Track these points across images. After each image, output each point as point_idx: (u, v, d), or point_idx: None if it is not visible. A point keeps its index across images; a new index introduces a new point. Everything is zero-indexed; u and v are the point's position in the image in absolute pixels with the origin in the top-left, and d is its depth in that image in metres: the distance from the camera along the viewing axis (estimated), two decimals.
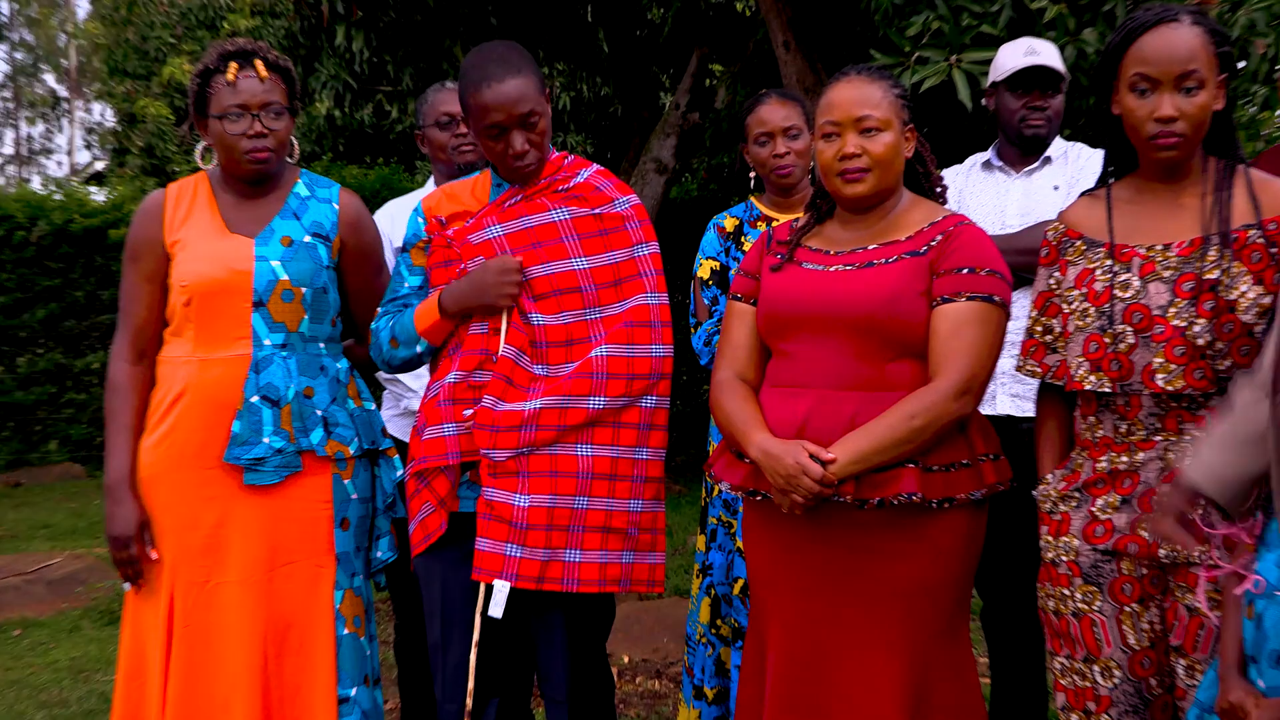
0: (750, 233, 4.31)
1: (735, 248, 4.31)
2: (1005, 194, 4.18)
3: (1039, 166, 4.18)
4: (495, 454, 3.29)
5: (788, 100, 4.34)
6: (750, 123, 4.33)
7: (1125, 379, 2.88)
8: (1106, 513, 2.93)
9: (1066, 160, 4.19)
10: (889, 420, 2.98)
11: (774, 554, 3.21)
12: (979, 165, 4.31)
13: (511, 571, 3.27)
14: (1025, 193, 4.15)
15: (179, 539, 3.47)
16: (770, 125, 4.26)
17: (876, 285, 3.09)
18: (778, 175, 4.26)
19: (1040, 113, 4.12)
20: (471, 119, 3.37)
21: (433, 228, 3.49)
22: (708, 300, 4.28)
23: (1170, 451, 2.86)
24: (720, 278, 4.30)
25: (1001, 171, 4.23)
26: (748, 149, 4.36)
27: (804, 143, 4.27)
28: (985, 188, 4.24)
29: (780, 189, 4.32)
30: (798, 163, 4.26)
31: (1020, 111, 4.13)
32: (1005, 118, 4.18)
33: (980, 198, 4.21)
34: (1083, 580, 2.96)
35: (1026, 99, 4.12)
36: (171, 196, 3.62)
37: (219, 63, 3.52)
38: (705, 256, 4.35)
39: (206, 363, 3.49)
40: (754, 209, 4.39)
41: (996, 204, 4.17)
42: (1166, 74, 2.85)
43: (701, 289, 4.31)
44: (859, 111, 3.15)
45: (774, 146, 4.25)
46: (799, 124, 4.27)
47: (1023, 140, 4.16)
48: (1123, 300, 2.89)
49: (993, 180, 4.24)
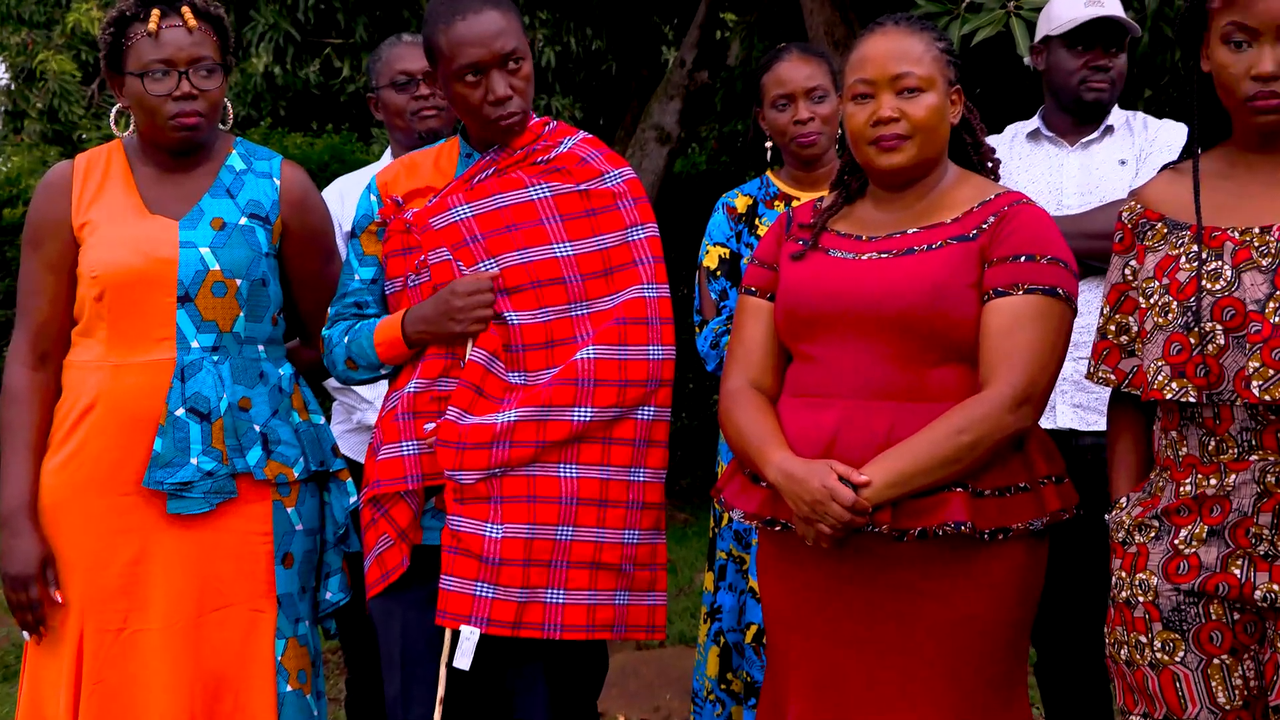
0: (766, 214, 4.32)
1: (748, 232, 4.32)
2: (1060, 169, 4.19)
3: (1099, 137, 4.18)
4: (462, 476, 3.30)
5: (811, 57, 4.34)
6: (767, 83, 4.33)
7: (1214, 387, 2.86)
8: (1191, 546, 2.91)
9: (1131, 130, 4.19)
10: (932, 436, 2.99)
11: (795, 595, 3.22)
12: (1023, 136, 4.31)
13: (482, 615, 3.28)
14: (1084, 167, 4.15)
15: (89, 578, 3.47)
16: (791, 86, 4.27)
17: (917, 276, 3.10)
18: (799, 145, 4.27)
19: (1104, 74, 4.13)
20: (441, 63, 3.38)
21: (388, 209, 3.50)
22: (715, 294, 4.29)
23: (1269, 474, 2.84)
24: (730, 267, 4.30)
25: (1053, 143, 4.24)
26: (763, 114, 4.38)
27: (830, 107, 4.28)
28: (1035, 162, 4.24)
29: (802, 161, 4.33)
30: (823, 130, 4.27)
31: (1080, 72, 4.13)
32: (1060, 79, 4.18)
33: (1030, 173, 4.21)
34: (1163, 626, 2.94)
35: (1087, 57, 4.12)
36: (79, 170, 3.63)
37: (137, 9, 3.52)
38: (713, 242, 4.36)
39: (122, 368, 3.50)
40: (770, 186, 4.40)
41: (1050, 181, 4.18)
42: (1268, 22, 2.83)
43: (708, 280, 4.31)
44: (897, 68, 3.16)
45: (795, 111, 4.26)
46: (825, 84, 4.28)
47: (1080, 106, 4.16)
48: (1212, 293, 2.87)
49: (1043, 153, 4.24)
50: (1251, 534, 2.84)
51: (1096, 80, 4.12)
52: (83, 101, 15.68)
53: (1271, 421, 2.84)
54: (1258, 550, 2.83)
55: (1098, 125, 4.19)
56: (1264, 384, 2.80)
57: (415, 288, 3.46)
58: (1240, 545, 2.85)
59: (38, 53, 15.73)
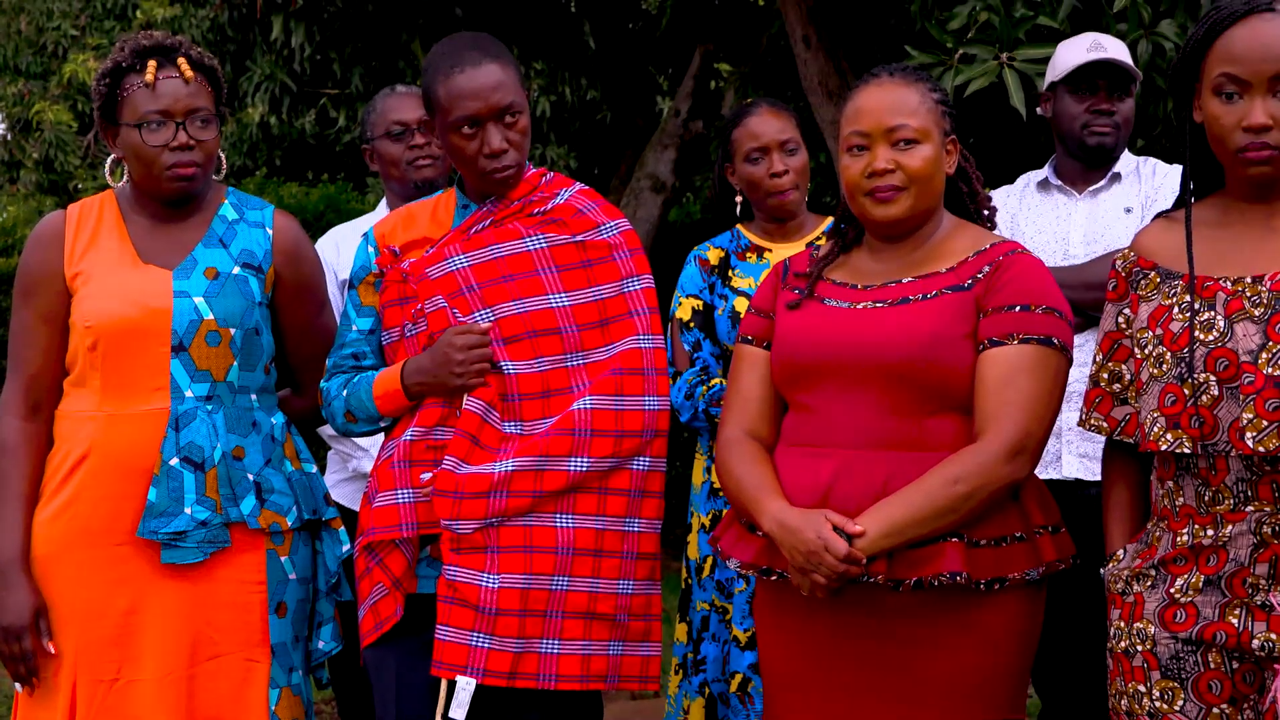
0: (738, 265, 4.33)
1: (721, 283, 4.32)
2: (1067, 218, 4.19)
3: (1106, 185, 4.19)
4: (459, 526, 3.30)
5: (781, 110, 4.36)
6: (739, 137, 4.34)
7: (1208, 438, 2.85)
8: (1188, 595, 2.90)
9: (1139, 177, 4.20)
10: (928, 486, 2.99)
11: (791, 645, 3.21)
12: (1034, 185, 4.32)
13: (478, 666, 3.27)
14: (1091, 216, 4.16)
15: (83, 629, 3.46)
16: (764, 139, 4.28)
17: (913, 326, 3.11)
18: (776, 197, 4.28)
19: (1107, 118, 4.13)
20: (439, 114, 3.39)
21: (385, 259, 3.51)
22: (688, 346, 4.28)
23: (1265, 524, 2.83)
24: (704, 319, 4.30)
25: (1061, 192, 4.24)
26: (733, 168, 4.38)
27: (802, 159, 4.29)
28: (1043, 211, 4.24)
29: (776, 214, 4.33)
30: (797, 182, 4.28)
31: (1083, 117, 4.14)
32: (1065, 125, 4.19)
33: (1038, 223, 4.22)
34: (1161, 674, 2.94)
35: (1090, 101, 4.13)
36: (73, 219, 3.63)
37: (134, 60, 3.53)
38: (685, 294, 4.36)
39: (116, 418, 3.49)
40: (742, 238, 4.41)
41: (1057, 230, 4.18)
42: (1259, 74, 2.85)
43: (681, 332, 4.31)
44: (892, 120, 3.17)
45: (770, 163, 4.27)
46: (796, 137, 4.30)
47: (1085, 152, 4.17)
48: (1205, 344, 2.87)
49: (1051, 202, 4.25)
50: (1248, 584, 2.84)
51: (1100, 124, 4.13)
52: (78, 152, 15.71)
53: (1266, 472, 2.84)
54: (1255, 601, 2.83)
55: (1105, 172, 4.20)
56: (1258, 435, 2.80)
57: (412, 338, 3.46)
58: (1237, 595, 2.85)
59: (34, 103, 15.77)
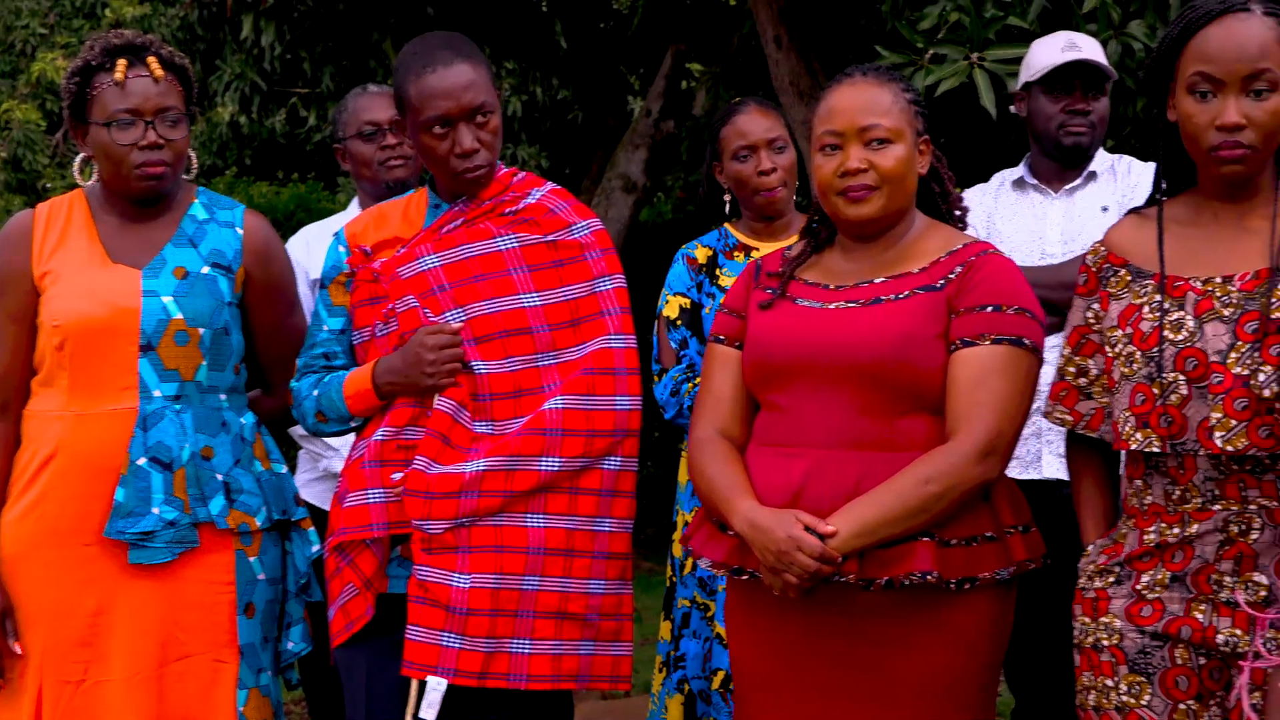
0: (726, 264, 4.33)
1: (709, 282, 4.32)
2: (1043, 217, 4.20)
3: (1082, 183, 4.19)
4: (429, 526, 3.29)
5: (769, 108, 4.37)
6: (726, 135, 4.35)
7: (1177, 437, 2.87)
8: (1154, 591, 2.92)
9: (1115, 175, 4.20)
10: (899, 486, 2.99)
11: (762, 645, 3.21)
12: (1009, 184, 4.32)
13: (449, 666, 3.27)
14: (1067, 215, 4.16)
15: (50, 629, 3.45)
16: (752, 137, 4.29)
17: (885, 326, 3.11)
18: (763, 196, 4.28)
19: (1082, 118, 4.14)
20: (410, 113, 3.39)
21: (356, 258, 3.50)
22: (675, 343, 4.29)
23: (1232, 523, 2.85)
24: (691, 317, 4.31)
25: (1037, 190, 4.25)
26: (721, 167, 4.38)
27: (790, 157, 4.30)
28: (1019, 210, 4.25)
29: (764, 213, 4.34)
30: (785, 180, 4.29)
31: (1058, 117, 4.15)
32: (1040, 124, 4.19)
33: (1014, 222, 4.22)
34: (1129, 669, 2.95)
35: (1065, 101, 4.13)
36: (41, 219, 3.62)
37: (103, 59, 3.53)
38: (673, 292, 4.37)
39: (84, 418, 3.48)
40: (730, 237, 4.41)
41: (1033, 229, 4.18)
42: (1232, 74, 2.86)
43: (668, 330, 4.31)
44: (865, 120, 3.17)
45: (757, 161, 4.27)
46: (784, 136, 4.31)
47: (1061, 151, 4.17)
48: (1174, 343, 2.88)
49: (1027, 201, 4.25)
50: (1213, 581, 2.86)
51: (1075, 124, 4.13)
52: (47, 151, 15.63)
53: (1234, 471, 2.85)
54: (1219, 597, 2.85)
55: (1080, 171, 4.21)
56: (1226, 434, 2.82)
57: (383, 337, 3.45)
58: (1203, 592, 2.87)
59: (2, 102, 15.69)
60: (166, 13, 11.10)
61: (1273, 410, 2.80)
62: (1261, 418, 2.80)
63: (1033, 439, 4.00)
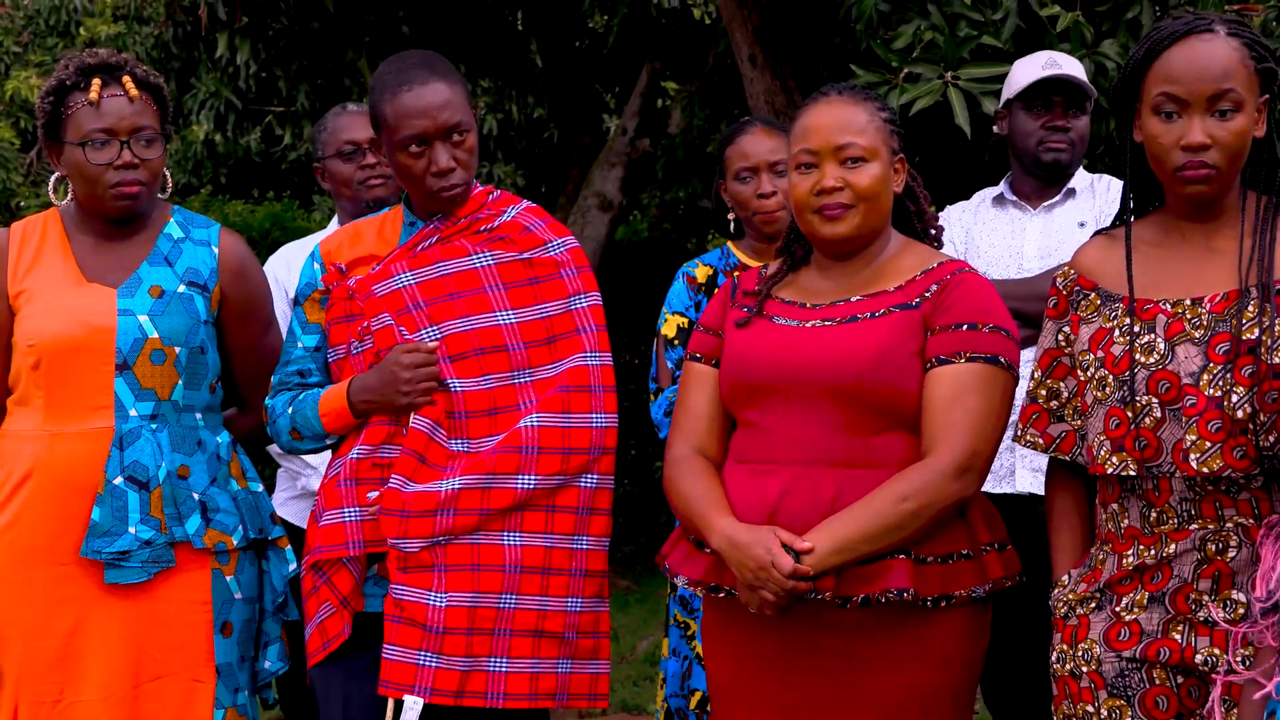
0: None
1: (708, 301, 4.32)
2: (1022, 232, 4.20)
3: (1060, 200, 4.20)
4: (406, 544, 3.29)
5: (774, 130, 4.35)
6: (730, 155, 4.34)
7: (1152, 460, 2.87)
8: (1132, 612, 2.92)
9: (1094, 193, 4.21)
10: (876, 503, 2.99)
11: (739, 663, 3.21)
12: (989, 201, 4.33)
13: (425, 685, 3.26)
14: (1045, 231, 4.17)
15: (25, 649, 3.44)
16: (754, 159, 4.27)
17: (861, 344, 3.11)
18: (762, 218, 4.28)
19: (1061, 134, 4.14)
20: (386, 132, 3.39)
21: (331, 275, 3.49)
22: (672, 363, 4.28)
23: (1209, 542, 2.86)
24: (689, 336, 4.30)
25: (1017, 207, 4.26)
26: (725, 186, 4.38)
27: None
28: (997, 226, 4.25)
29: (764, 234, 4.33)
30: (785, 204, 4.28)
31: (1038, 133, 4.15)
32: (1020, 141, 4.20)
33: (992, 237, 4.23)
34: (1108, 693, 2.95)
35: (1045, 118, 4.13)
36: (15, 238, 3.61)
37: (78, 78, 3.52)
38: (671, 311, 4.36)
39: (59, 437, 3.47)
40: (731, 256, 4.40)
41: (1011, 244, 4.19)
42: (1197, 94, 2.86)
43: (666, 349, 4.30)
44: (840, 139, 3.17)
45: (758, 184, 4.26)
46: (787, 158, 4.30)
47: (1041, 168, 4.18)
48: (1146, 367, 2.88)
49: (1006, 217, 4.26)
50: (1191, 600, 2.86)
51: (1054, 140, 4.14)
52: (21, 169, 15.60)
53: (1209, 492, 2.86)
54: (1197, 616, 2.85)
55: (1060, 188, 4.21)
56: (1201, 456, 2.83)
57: (358, 355, 3.44)
58: (1180, 611, 2.87)
59: None
60: (141, 31, 11.09)
61: (1246, 431, 2.80)
62: (1235, 438, 2.81)
63: (1006, 453, 4.00)
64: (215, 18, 9.30)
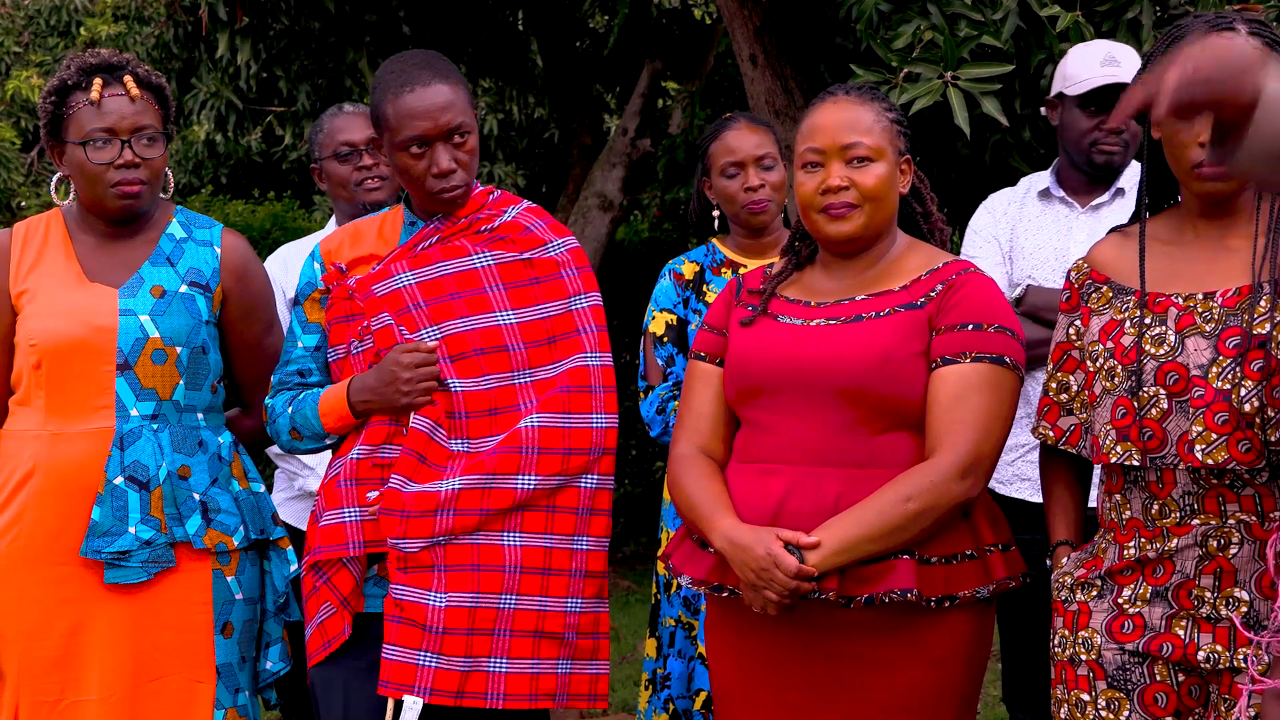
0: (713, 280, 4.33)
1: (695, 298, 4.32)
2: (1068, 233, 4.15)
3: (1109, 200, 4.14)
4: (406, 544, 3.28)
5: (759, 125, 4.37)
6: (715, 151, 4.34)
7: (1157, 451, 2.88)
8: (1136, 605, 2.92)
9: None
10: (880, 503, 2.99)
11: (742, 663, 3.21)
12: (1035, 193, 4.27)
13: (425, 685, 3.25)
14: (1092, 234, 4.07)
15: (26, 649, 3.44)
16: (741, 154, 4.28)
17: (865, 343, 3.11)
18: (750, 212, 4.28)
19: (1116, 136, 4.09)
20: (387, 132, 3.38)
21: (331, 276, 3.49)
22: (661, 360, 4.28)
23: (1211, 537, 2.86)
24: (677, 333, 4.30)
25: (1064, 203, 4.19)
26: (710, 182, 4.38)
27: (779, 174, 4.29)
28: (1043, 224, 4.20)
29: (751, 229, 4.33)
30: (773, 197, 4.29)
31: (1092, 134, 4.09)
32: (1072, 138, 4.15)
33: (1038, 237, 4.19)
34: (1108, 684, 2.96)
35: (1100, 119, 4.07)
36: (18, 238, 3.61)
37: (80, 78, 3.51)
38: (659, 308, 4.36)
39: (60, 437, 3.47)
40: (717, 253, 4.41)
41: (1057, 245, 4.15)
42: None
43: (654, 346, 4.31)
44: (847, 138, 3.17)
45: (745, 178, 4.27)
46: (773, 153, 4.30)
47: (1092, 167, 4.13)
48: (1155, 358, 2.89)
49: (1053, 213, 4.21)
50: (1194, 596, 2.86)
51: (1108, 144, 4.08)
52: (22, 169, 15.60)
53: (1213, 485, 2.86)
54: (1200, 613, 2.85)
55: (1108, 186, 4.17)
56: (1206, 448, 2.83)
57: (358, 355, 3.44)
58: (1183, 607, 2.88)
59: None
60: (142, 31, 11.09)
61: (1253, 425, 2.81)
62: (1242, 432, 2.81)
63: (1014, 454, 3.99)
64: (216, 18, 9.30)
